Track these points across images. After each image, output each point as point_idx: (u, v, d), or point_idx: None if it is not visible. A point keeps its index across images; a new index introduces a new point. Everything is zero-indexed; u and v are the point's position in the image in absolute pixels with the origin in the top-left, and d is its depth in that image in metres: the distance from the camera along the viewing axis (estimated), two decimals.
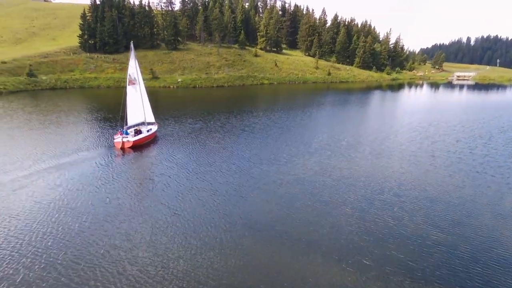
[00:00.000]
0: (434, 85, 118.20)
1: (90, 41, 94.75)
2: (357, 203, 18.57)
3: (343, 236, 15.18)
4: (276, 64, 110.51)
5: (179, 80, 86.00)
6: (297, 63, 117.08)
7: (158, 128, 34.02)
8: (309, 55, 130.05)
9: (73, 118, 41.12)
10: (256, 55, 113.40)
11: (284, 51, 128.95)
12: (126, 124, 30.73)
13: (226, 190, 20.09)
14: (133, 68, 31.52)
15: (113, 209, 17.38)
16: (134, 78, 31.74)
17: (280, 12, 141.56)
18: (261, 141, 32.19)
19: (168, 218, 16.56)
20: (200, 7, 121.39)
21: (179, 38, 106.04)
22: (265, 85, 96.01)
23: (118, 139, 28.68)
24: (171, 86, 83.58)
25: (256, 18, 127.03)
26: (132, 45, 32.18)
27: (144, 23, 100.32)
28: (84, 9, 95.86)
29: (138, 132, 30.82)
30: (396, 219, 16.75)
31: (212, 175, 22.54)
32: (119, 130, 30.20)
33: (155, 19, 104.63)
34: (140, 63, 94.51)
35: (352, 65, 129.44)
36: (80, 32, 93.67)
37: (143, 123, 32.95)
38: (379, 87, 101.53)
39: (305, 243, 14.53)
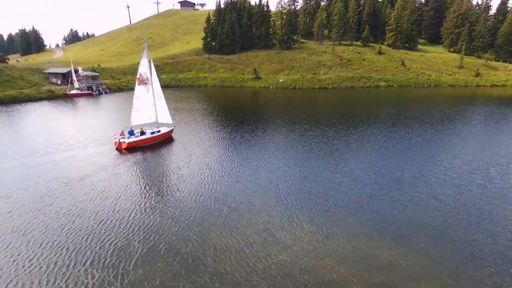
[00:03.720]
0: None
1: (211, 43, 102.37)
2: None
3: None
4: (403, 63, 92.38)
5: (280, 80, 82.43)
6: (432, 61, 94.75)
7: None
8: (454, 51, 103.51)
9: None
10: (379, 53, 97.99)
11: (419, 46, 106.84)
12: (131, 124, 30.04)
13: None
14: (146, 68, 29.92)
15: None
16: (147, 77, 30.20)
17: (422, 1, 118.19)
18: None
19: None
20: (323, 2, 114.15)
21: (294, 37, 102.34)
22: (381, 87, 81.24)
23: (116, 139, 28.46)
24: (271, 87, 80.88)
25: (387, 10, 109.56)
26: (145, 44, 30.99)
27: (260, 23, 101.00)
28: (209, 13, 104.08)
29: (141, 133, 29.72)
30: None
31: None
32: (123, 130, 29.62)
33: (272, 18, 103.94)
34: (247, 63, 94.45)
35: None
36: (204, 35, 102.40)
37: (153, 125, 31.71)
38: None
39: None
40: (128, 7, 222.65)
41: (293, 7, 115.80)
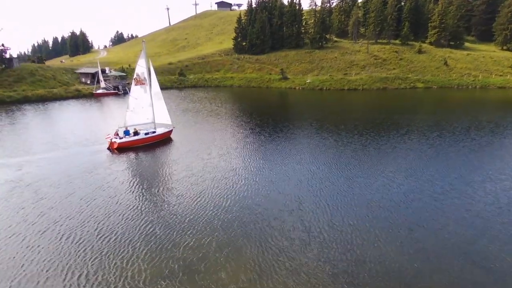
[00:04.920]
0: None
1: (242, 43, 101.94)
2: None
3: None
4: (445, 63, 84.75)
5: (307, 81, 79.53)
6: (480, 60, 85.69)
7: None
8: (507, 49, 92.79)
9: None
10: (419, 52, 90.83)
11: (466, 44, 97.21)
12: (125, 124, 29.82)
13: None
14: (143, 68, 29.53)
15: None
16: (144, 78, 29.78)
17: None
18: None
19: None
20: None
21: (326, 36, 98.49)
22: (419, 89, 75.03)
23: (109, 138, 28.48)
24: (297, 88, 78.31)
25: (430, 5, 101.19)
26: (144, 45, 30.46)
27: (291, 22, 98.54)
28: (240, 13, 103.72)
29: (135, 133, 29.59)
30: None
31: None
32: (116, 129, 29.51)
33: (304, 17, 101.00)
34: (276, 63, 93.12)
35: None
36: (235, 35, 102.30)
37: (151, 125, 31.49)
38: None
39: None
40: (167, 9, 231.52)
41: (328, 4, 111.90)
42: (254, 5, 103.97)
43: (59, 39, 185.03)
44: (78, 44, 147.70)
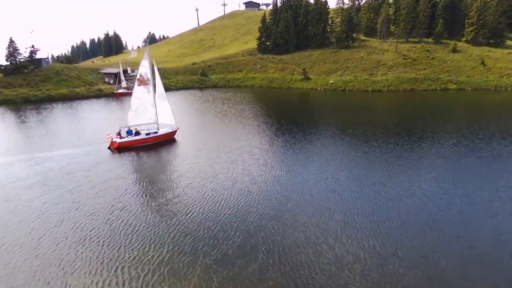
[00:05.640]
0: None
1: (266, 43, 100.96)
2: None
3: None
4: (483, 62, 78.58)
5: (330, 81, 77.03)
6: None
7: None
8: None
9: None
10: (454, 50, 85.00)
11: (509, 42, 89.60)
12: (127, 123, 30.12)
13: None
14: (146, 69, 29.58)
15: None
16: (147, 78, 29.80)
17: None
18: None
19: None
20: None
21: (353, 35, 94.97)
22: (451, 91, 70.14)
23: (110, 138, 28.87)
24: (319, 88, 76.07)
25: (468, 1, 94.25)
26: (147, 45, 30.39)
27: (317, 20, 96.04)
28: (265, 12, 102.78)
29: (136, 133, 29.82)
30: None
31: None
32: (119, 129, 29.80)
33: (330, 15, 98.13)
34: (299, 63, 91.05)
35: None
36: (259, 35, 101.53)
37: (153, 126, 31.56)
38: None
39: None
40: (196, 10, 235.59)
41: (357, 2, 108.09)
42: (279, 5, 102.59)
43: (96, 40, 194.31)
44: (111, 45, 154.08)
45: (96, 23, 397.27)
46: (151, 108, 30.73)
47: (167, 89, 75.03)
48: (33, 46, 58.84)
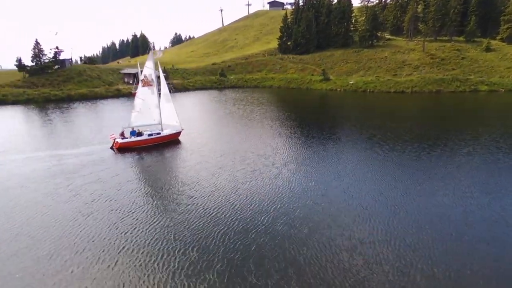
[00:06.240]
0: None
1: (287, 43, 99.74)
2: None
3: None
4: None
5: (350, 82, 74.57)
6: None
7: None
8: None
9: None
10: (487, 49, 79.65)
11: None
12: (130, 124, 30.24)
13: None
14: (151, 70, 29.56)
15: None
16: (152, 79, 29.76)
17: None
18: None
19: None
20: None
21: (377, 33, 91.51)
22: (481, 93, 65.60)
23: (113, 138, 29.06)
24: (338, 89, 73.86)
25: None
26: (151, 46, 30.45)
27: (339, 19, 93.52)
28: (286, 12, 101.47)
29: (138, 134, 29.98)
30: None
31: None
32: (123, 129, 29.93)
33: (353, 14, 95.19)
34: (320, 63, 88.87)
35: None
36: (280, 35, 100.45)
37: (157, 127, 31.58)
38: None
39: None
40: (221, 10, 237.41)
41: (383, 1, 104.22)
42: (301, 4, 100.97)
43: (124, 41, 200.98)
44: (138, 45, 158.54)
45: (125, 25, 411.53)
46: (155, 109, 30.79)
47: (185, 89, 76.61)
48: (57, 47, 61.67)
